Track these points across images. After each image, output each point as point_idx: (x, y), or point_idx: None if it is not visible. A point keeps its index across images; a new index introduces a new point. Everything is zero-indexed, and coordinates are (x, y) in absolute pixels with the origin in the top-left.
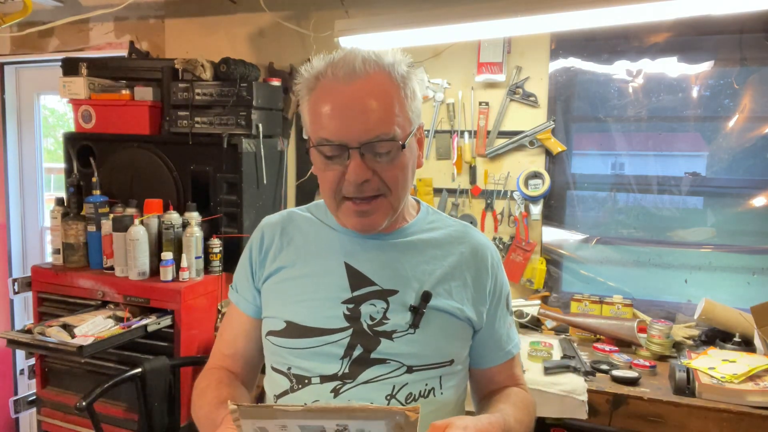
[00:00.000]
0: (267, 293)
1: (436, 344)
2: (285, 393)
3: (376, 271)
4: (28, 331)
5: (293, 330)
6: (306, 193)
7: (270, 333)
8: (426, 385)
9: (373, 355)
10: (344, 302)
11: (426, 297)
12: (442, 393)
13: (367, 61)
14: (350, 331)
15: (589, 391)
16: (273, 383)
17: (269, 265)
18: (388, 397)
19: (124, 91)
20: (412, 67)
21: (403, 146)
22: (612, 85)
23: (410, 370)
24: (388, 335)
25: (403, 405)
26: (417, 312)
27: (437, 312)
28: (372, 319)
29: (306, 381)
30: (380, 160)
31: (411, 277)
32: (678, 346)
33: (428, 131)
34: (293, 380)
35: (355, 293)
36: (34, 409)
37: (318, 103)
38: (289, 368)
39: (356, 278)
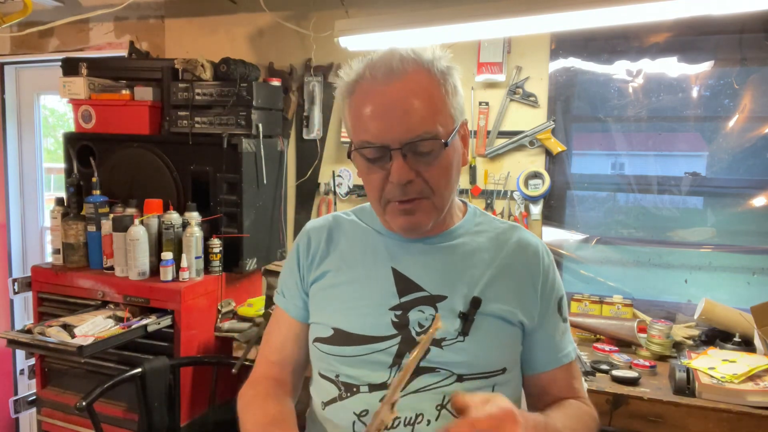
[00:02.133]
0: (313, 298)
1: (487, 352)
2: (333, 401)
3: (423, 276)
4: (28, 331)
5: (341, 337)
6: (306, 194)
7: (317, 340)
8: None
9: (422, 364)
10: (392, 309)
11: (476, 303)
12: None
13: (406, 59)
14: (398, 338)
15: (589, 391)
16: (321, 390)
17: (315, 270)
18: (438, 407)
19: (124, 91)
20: (452, 63)
21: (446, 144)
22: (612, 85)
23: (460, 379)
24: (437, 343)
25: (454, 415)
26: (466, 319)
27: (488, 318)
28: (420, 326)
29: (354, 389)
30: (423, 160)
31: (459, 282)
32: (678, 346)
33: None
34: (341, 388)
35: (403, 299)
36: (34, 409)
37: (358, 106)
38: (337, 376)
39: (404, 284)
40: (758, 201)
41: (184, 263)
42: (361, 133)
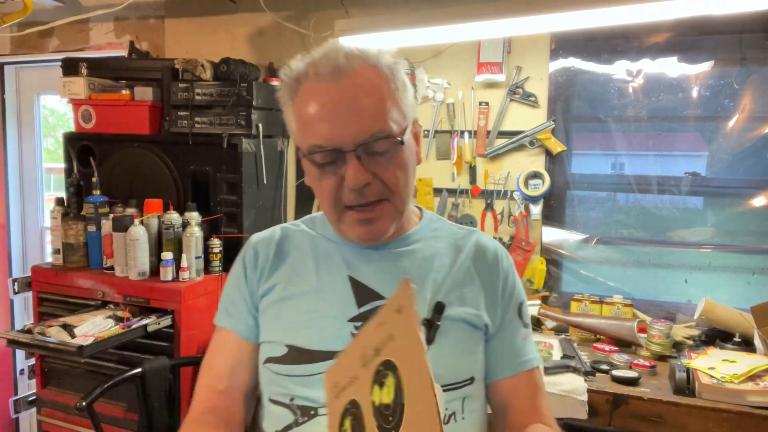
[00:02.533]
0: (264, 315)
1: (454, 360)
2: (288, 428)
3: (382, 284)
4: (28, 331)
5: (296, 355)
6: (306, 194)
7: (269, 360)
8: (446, 409)
9: None
10: (351, 320)
11: (439, 308)
12: (463, 418)
13: (351, 55)
14: None
15: (589, 391)
16: (273, 417)
17: (264, 283)
18: None
19: (124, 91)
20: (398, 58)
21: (402, 142)
22: (612, 85)
23: None
24: None
25: None
26: (431, 325)
27: (453, 323)
28: None
29: (312, 412)
30: (379, 160)
31: (421, 288)
32: (678, 346)
33: (428, 131)
34: (297, 412)
35: (362, 309)
36: (34, 409)
37: (304, 107)
38: (291, 399)
39: (362, 292)
40: (758, 201)
41: (184, 263)
42: (310, 136)
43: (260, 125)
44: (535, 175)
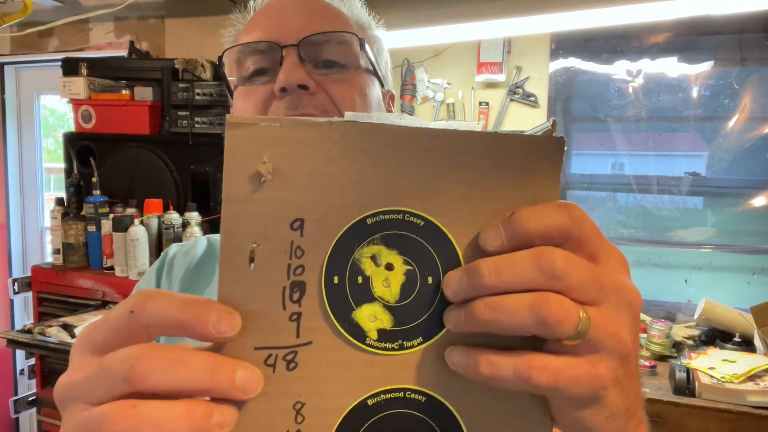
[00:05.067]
0: None
1: None
2: None
3: None
4: (28, 331)
5: None
6: None
7: None
8: None
9: None
10: None
11: None
12: None
13: None
14: None
15: None
16: None
17: None
18: None
19: (124, 91)
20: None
21: (362, 48)
22: (612, 85)
23: None
24: None
25: None
26: None
27: None
28: None
29: None
30: (328, 73)
31: None
32: (678, 346)
33: None
34: None
35: None
36: (34, 409)
37: (245, 31)
38: None
39: None
40: (758, 201)
41: None
42: (244, 41)
43: None
44: None
